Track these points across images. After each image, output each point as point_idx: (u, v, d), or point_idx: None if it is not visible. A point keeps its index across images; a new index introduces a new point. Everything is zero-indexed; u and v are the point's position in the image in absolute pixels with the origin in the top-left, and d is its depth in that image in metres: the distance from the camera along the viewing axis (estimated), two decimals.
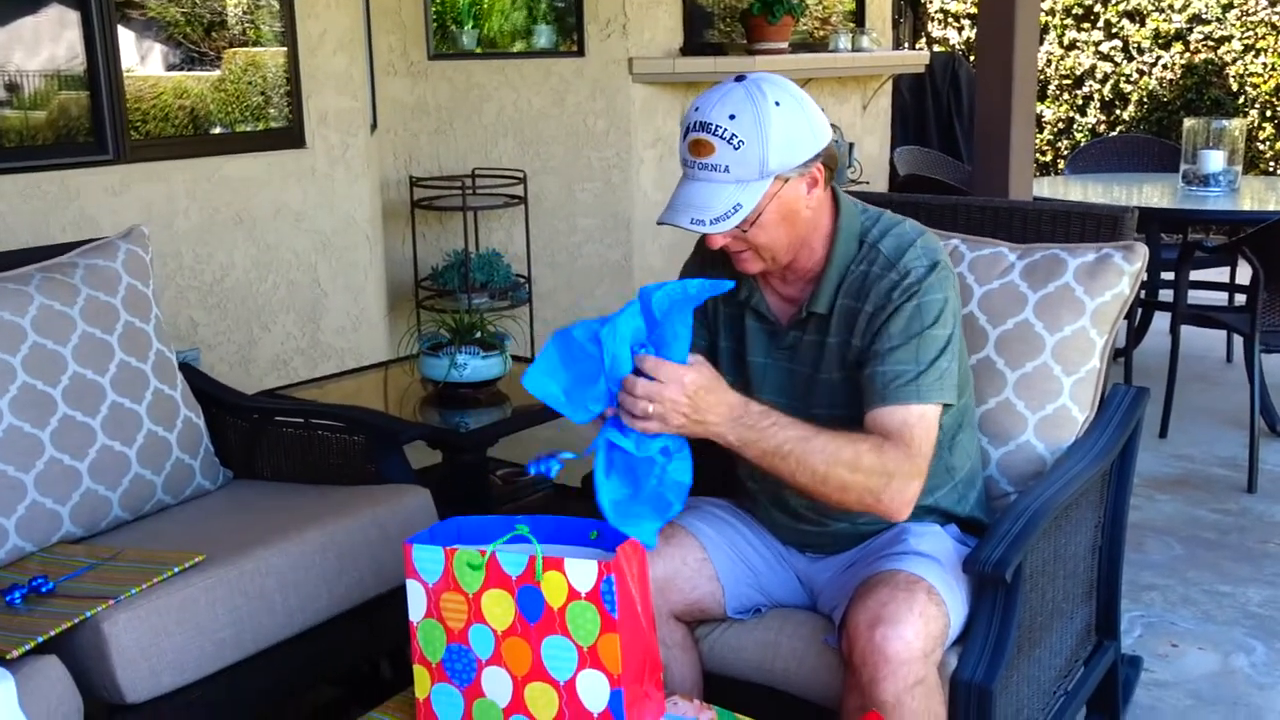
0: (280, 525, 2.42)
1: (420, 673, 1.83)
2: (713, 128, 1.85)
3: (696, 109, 1.88)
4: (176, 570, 2.20)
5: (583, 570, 1.70)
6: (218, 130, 4.39)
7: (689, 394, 1.77)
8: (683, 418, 1.78)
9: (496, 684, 1.78)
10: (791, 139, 1.87)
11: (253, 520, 2.49)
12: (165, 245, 3.99)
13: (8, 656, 1.95)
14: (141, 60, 4.24)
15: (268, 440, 2.86)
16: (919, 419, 1.89)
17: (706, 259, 2.16)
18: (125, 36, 4.05)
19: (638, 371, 1.79)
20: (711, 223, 1.86)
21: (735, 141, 1.84)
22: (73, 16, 3.83)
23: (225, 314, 4.23)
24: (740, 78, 1.90)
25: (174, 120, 4.24)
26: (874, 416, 1.90)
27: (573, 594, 1.71)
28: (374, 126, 4.91)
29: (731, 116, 1.85)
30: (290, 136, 4.43)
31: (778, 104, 1.86)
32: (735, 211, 1.86)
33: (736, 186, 1.86)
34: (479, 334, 3.35)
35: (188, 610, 2.16)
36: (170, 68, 4.34)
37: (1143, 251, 2.33)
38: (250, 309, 4.31)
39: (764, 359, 2.09)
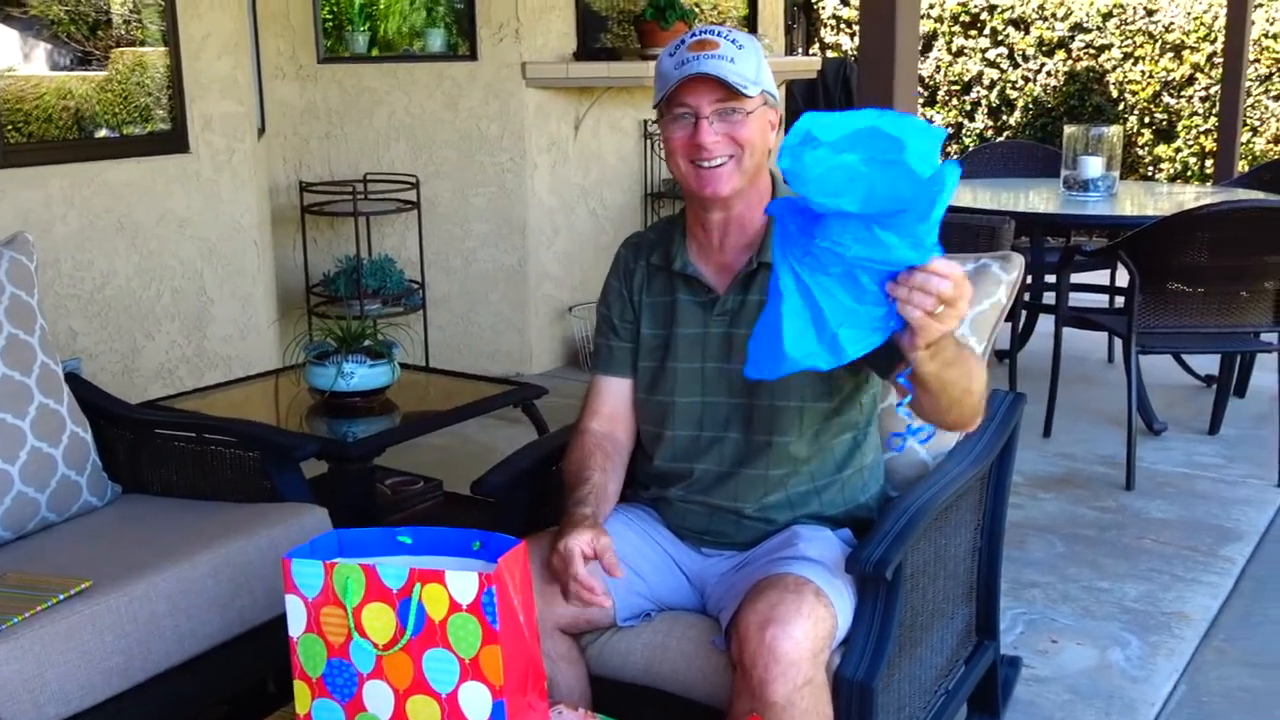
0: (171, 546, 2.37)
1: (300, 688, 1.81)
2: (716, 31, 2.02)
3: (689, 33, 2.04)
4: (62, 597, 2.15)
5: (464, 582, 1.69)
6: (104, 133, 4.30)
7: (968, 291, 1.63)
8: (962, 299, 1.60)
9: (378, 698, 1.78)
10: (770, 71, 2.06)
11: (142, 540, 2.44)
12: (44, 253, 3.90)
13: None
14: (25, 59, 4.14)
15: (157, 453, 2.81)
16: None
17: (631, 255, 2.24)
18: (6, 35, 3.95)
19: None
20: (733, 80, 1.96)
21: (738, 44, 2.00)
22: None
23: (107, 322, 4.15)
24: None
25: (57, 122, 4.14)
26: None
27: (454, 606, 1.71)
28: (262, 131, 4.85)
29: (730, 30, 2.04)
30: (173, 141, 4.36)
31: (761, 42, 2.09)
32: (749, 86, 1.98)
33: (740, 77, 1.97)
34: (367, 341, 3.33)
35: (73, 639, 2.11)
36: (55, 67, 4.24)
37: (1019, 261, 2.39)
38: (133, 317, 4.23)
39: (700, 329, 2.13)
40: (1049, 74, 8.86)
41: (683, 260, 2.15)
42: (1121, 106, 8.63)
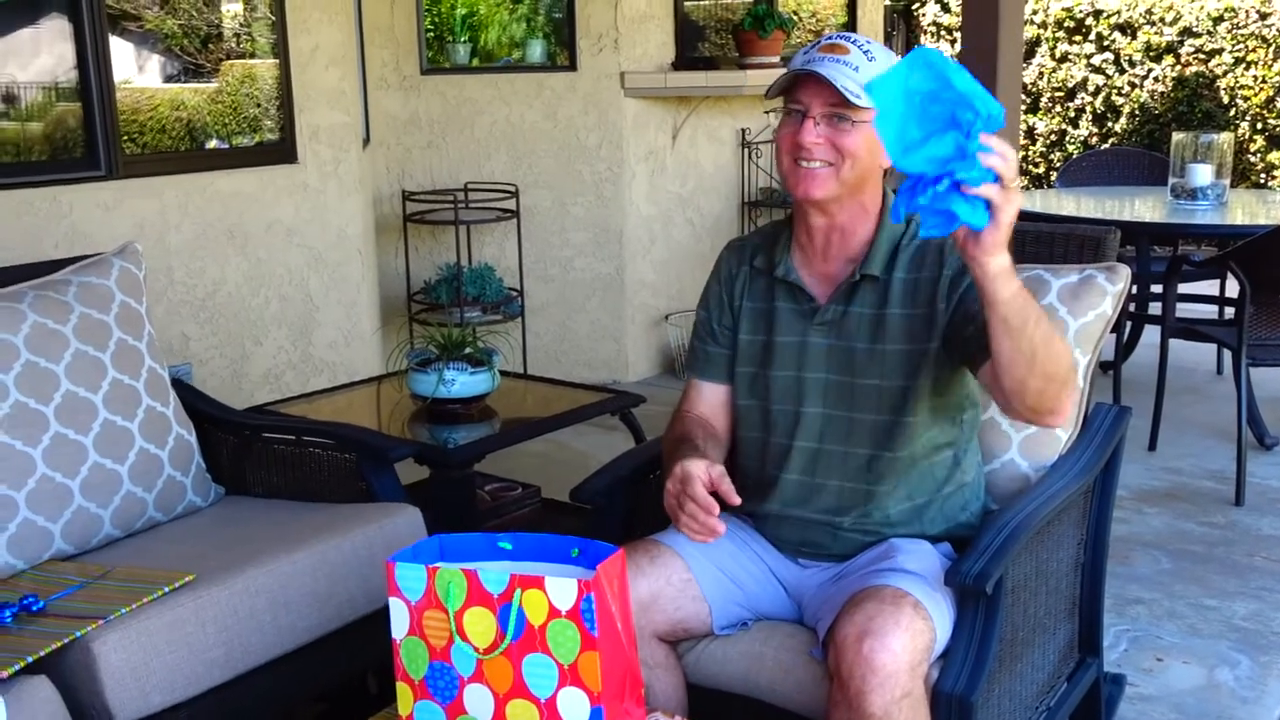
0: (271, 544, 2.43)
1: (403, 690, 1.84)
2: (851, 38, 2.01)
3: (828, 35, 2.03)
4: (167, 590, 2.20)
5: (563, 589, 1.71)
6: (214, 143, 4.41)
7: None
8: (1016, 190, 1.66)
9: (478, 701, 1.80)
10: None
11: (244, 538, 2.50)
12: (157, 260, 4.01)
13: None
14: (140, 71, 4.26)
15: (259, 456, 2.87)
16: None
17: (736, 259, 2.24)
18: (122, 48, 4.06)
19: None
20: (840, 87, 1.94)
21: (870, 55, 1.98)
22: (67, 28, 3.84)
23: (217, 329, 4.25)
24: None
25: (170, 132, 4.25)
26: None
27: (553, 612, 1.72)
28: (366, 141, 4.93)
29: (869, 40, 2.02)
30: (282, 151, 4.45)
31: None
32: (859, 96, 1.93)
33: (856, 85, 1.94)
34: (468, 349, 3.37)
35: (177, 630, 2.17)
36: (167, 79, 4.35)
37: (1125, 273, 2.35)
38: (242, 323, 4.32)
39: (799, 337, 2.13)
40: (1156, 79, 8.67)
41: (786, 266, 2.14)
42: (1233, 113, 8.42)
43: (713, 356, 2.25)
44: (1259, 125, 8.35)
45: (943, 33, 9.53)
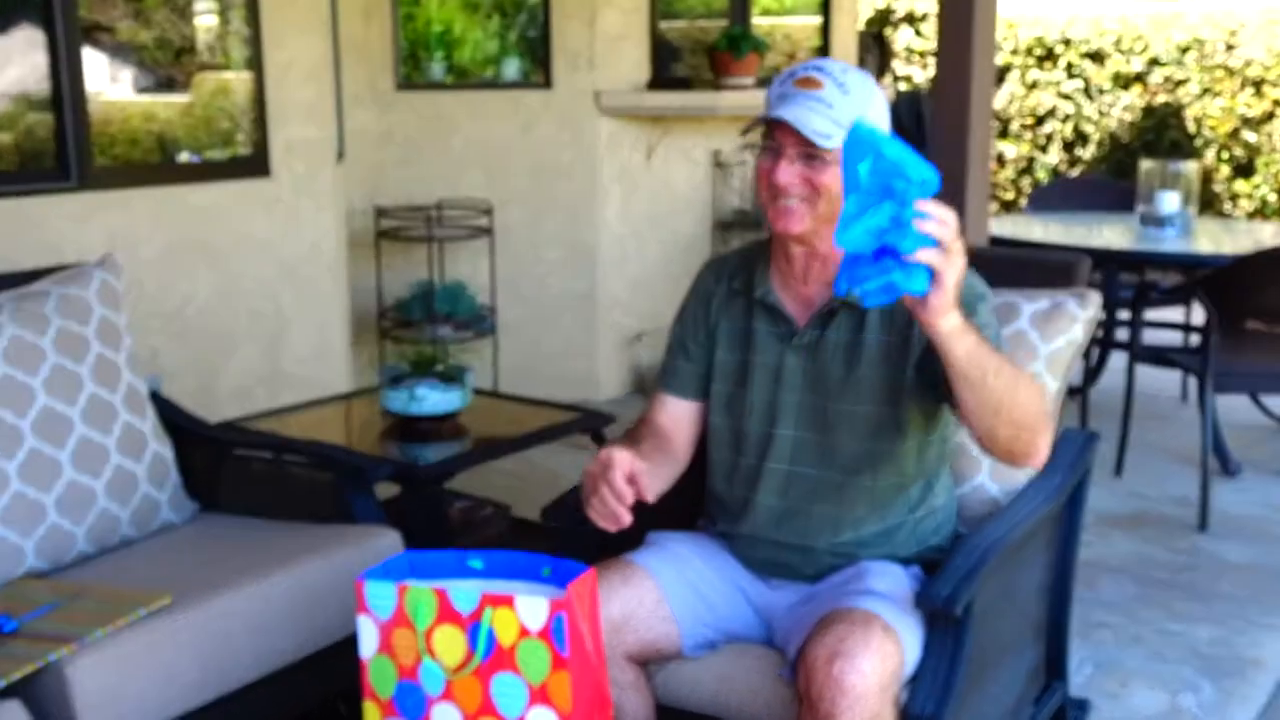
0: (248, 566, 2.41)
1: (370, 709, 1.83)
2: (826, 70, 2.00)
3: (805, 65, 2.03)
4: (143, 612, 2.18)
5: (534, 608, 1.71)
6: (186, 156, 4.39)
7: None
8: (958, 252, 1.67)
9: None
10: (881, 114, 2.02)
11: (220, 559, 2.48)
12: (129, 273, 3.96)
13: None
14: (112, 82, 4.24)
15: (235, 472, 2.85)
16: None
17: (714, 279, 2.25)
18: (95, 59, 4.04)
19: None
20: (810, 131, 1.94)
21: (845, 89, 1.98)
22: (40, 37, 3.82)
23: (187, 342, 4.23)
24: None
25: (141, 144, 4.24)
26: None
27: (524, 631, 1.72)
28: (340, 156, 4.93)
29: (844, 70, 2.01)
30: (255, 165, 4.44)
31: (877, 86, 2.04)
32: (830, 137, 1.94)
33: (834, 125, 1.94)
34: (440, 366, 3.38)
35: (153, 654, 2.15)
36: (140, 91, 4.34)
37: (1096, 299, 2.39)
38: (212, 337, 4.31)
39: (776, 359, 2.14)
40: (1125, 108, 8.78)
41: (764, 288, 2.16)
42: (1199, 142, 8.53)
43: (681, 371, 2.27)
44: (1225, 154, 8.46)
45: (915, 57, 9.61)
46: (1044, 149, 9.15)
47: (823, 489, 2.12)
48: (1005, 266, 2.57)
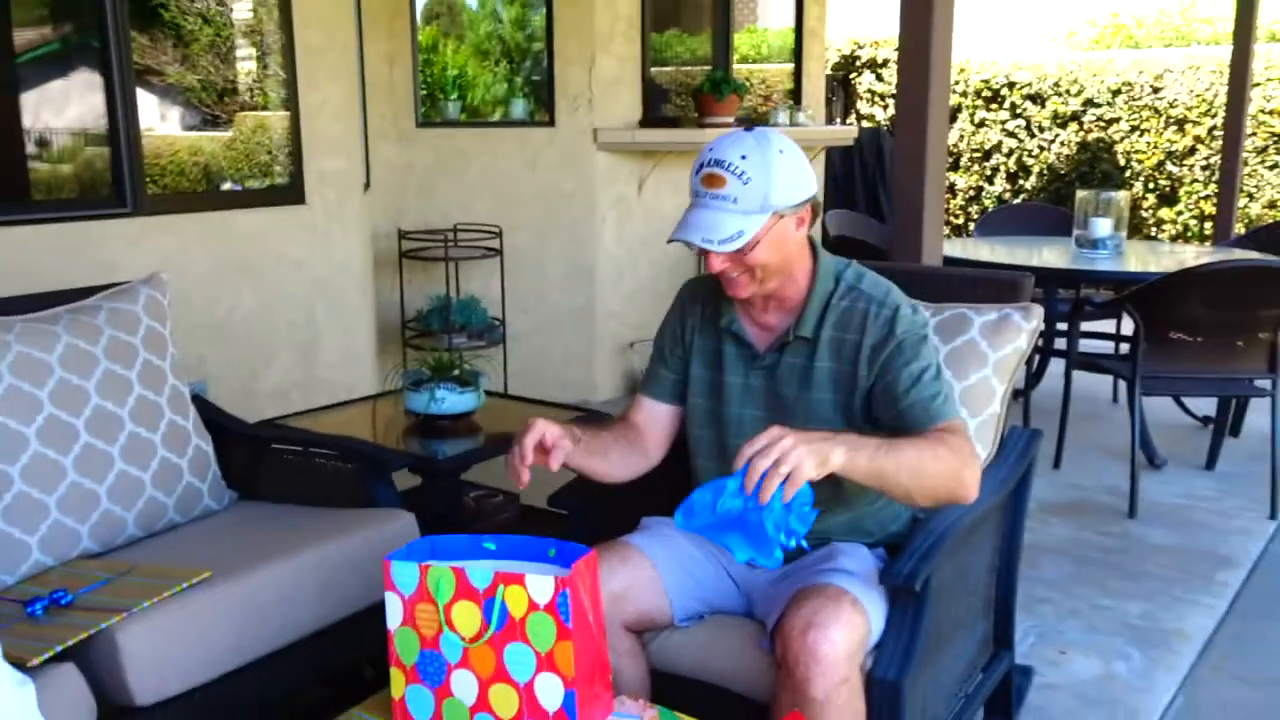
0: (279, 545, 2.40)
1: (396, 675, 1.83)
2: (726, 164, 1.91)
3: (711, 149, 1.94)
4: (185, 586, 2.18)
5: (541, 585, 1.71)
6: (228, 185, 4.39)
7: (792, 436, 1.71)
8: (809, 453, 1.68)
9: (464, 685, 1.79)
10: (791, 182, 1.94)
11: (255, 539, 2.47)
12: (178, 288, 3.95)
13: (29, 664, 1.92)
14: (162, 120, 4.24)
15: (270, 465, 2.85)
16: (960, 424, 1.97)
17: (687, 303, 2.22)
18: (147, 100, 4.05)
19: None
20: (719, 243, 1.90)
21: (745, 178, 1.90)
22: (98, 80, 3.82)
23: (231, 350, 4.22)
24: (749, 128, 1.98)
25: (189, 175, 4.23)
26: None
27: (532, 606, 1.72)
28: (367, 185, 4.92)
29: (743, 157, 1.91)
30: (292, 193, 4.44)
31: (781, 152, 1.93)
32: (739, 236, 1.90)
33: (742, 216, 1.90)
34: (456, 371, 3.36)
35: (194, 622, 2.15)
36: (188, 128, 4.34)
37: (1038, 312, 2.38)
38: (253, 346, 4.30)
39: (741, 380, 2.12)
40: (1062, 143, 8.80)
41: (730, 318, 2.13)
42: (1129, 173, 8.55)
43: (660, 378, 2.25)
44: (1151, 185, 8.48)
45: (876, 98, 9.62)
46: (991, 180, 9.17)
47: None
48: (957, 283, 2.56)
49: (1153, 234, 8.50)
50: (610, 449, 2.15)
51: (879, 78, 9.59)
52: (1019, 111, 8.99)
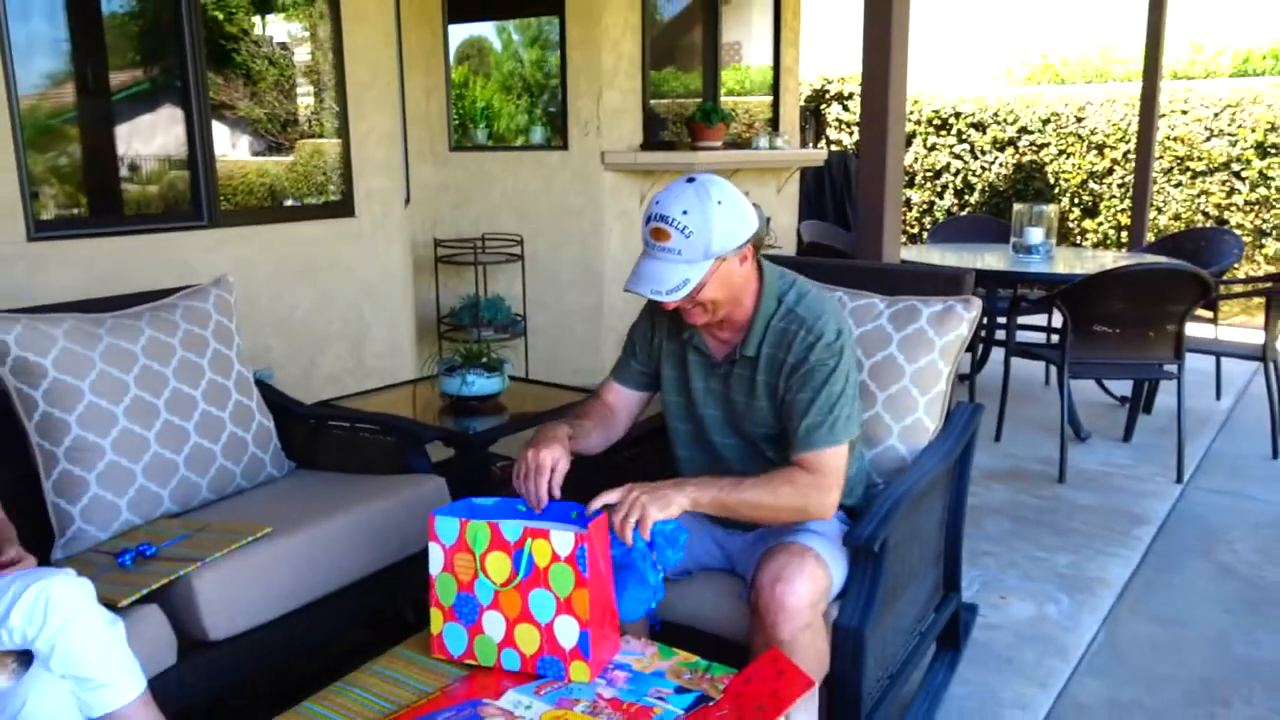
0: (330, 505, 2.40)
1: (435, 614, 1.83)
2: (669, 220, 1.84)
3: (657, 203, 1.86)
4: (251, 539, 2.18)
5: (563, 539, 1.71)
6: (289, 202, 4.37)
7: (643, 492, 1.78)
8: (650, 500, 1.77)
9: (494, 624, 1.79)
10: (730, 229, 1.86)
11: (309, 501, 2.47)
12: (247, 289, 3.97)
13: (119, 605, 1.93)
14: (233, 147, 4.22)
15: (323, 439, 2.84)
16: (832, 455, 1.91)
17: (655, 313, 2.17)
18: (221, 130, 4.03)
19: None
20: (666, 293, 1.85)
21: (686, 232, 1.83)
22: (179, 114, 3.81)
23: (292, 341, 4.20)
24: (691, 179, 1.89)
25: (257, 194, 4.22)
26: (798, 458, 1.92)
27: (554, 557, 1.72)
28: (408, 201, 4.90)
29: (685, 212, 1.83)
30: (343, 208, 4.42)
31: (719, 203, 1.85)
32: (684, 285, 1.85)
33: (686, 265, 1.85)
34: (484, 359, 3.35)
35: (258, 570, 2.15)
36: (255, 154, 4.32)
37: (977, 304, 2.36)
38: (311, 338, 4.28)
39: (703, 384, 2.09)
40: (1001, 164, 8.76)
41: (690, 332, 2.07)
42: (1057, 190, 8.51)
43: (630, 368, 2.20)
44: (1076, 200, 8.45)
45: (843, 126, 9.58)
46: (941, 195, 9.13)
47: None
48: (910, 279, 2.55)
49: (1078, 241, 8.47)
50: (591, 432, 2.11)
51: (845, 108, 9.55)
52: (964, 137, 8.95)
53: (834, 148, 9.40)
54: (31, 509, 2.25)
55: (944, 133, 9.08)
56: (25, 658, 1.66)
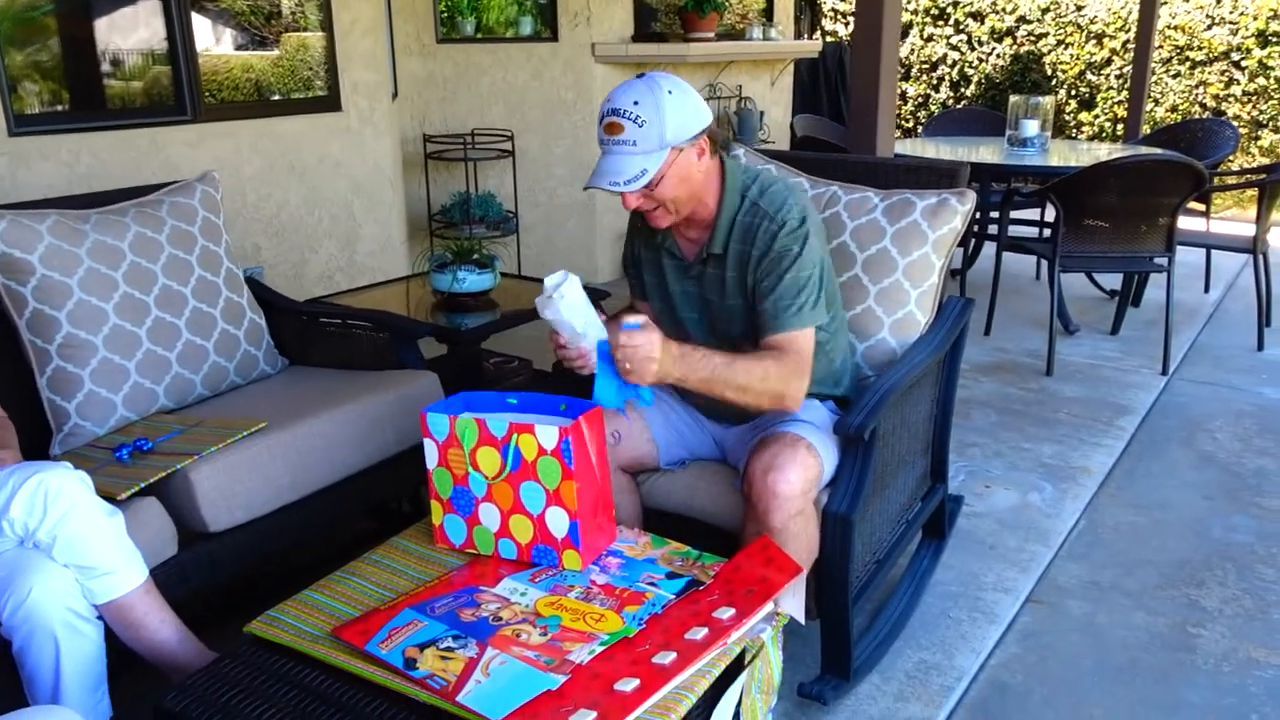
0: (324, 400, 2.40)
1: (435, 507, 1.85)
2: (621, 111, 1.80)
3: (609, 99, 1.83)
4: (246, 434, 2.19)
5: (548, 433, 1.71)
6: (275, 97, 4.26)
7: (642, 353, 1.74)
8: (638, 371, 1.74)
9: (489, 515, 1.81)
10: (682, 118, 1.83)
11: (303, 396, 2.47)
12: (233, 187, 3.90)
13: (118, 498, 1.94)
14: (216, 42, 4.09)
15: (315, 336, 2.82)
16: (801, 337, 1.90)
17: (635, 228, 2.14)
18: (202, 24, 3.91)
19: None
20: (625, 184, 1.81)
21: (639, 121, 1.79)
22: (158, 6, 3.69)
23: (282, 240, 4.15)
24: (641, 75, 1.86)
25: (242, 89, 4.11)
26: (769, 340, 1.91)
27: (541, 451, 1.72)
28: (395, 95, 4.78)
29: (635, 102, 1.80)
30: (330, 102, 4.31)
31: (670, 92, 1.82)
32: (642, 175, 1.81)
33: (643, 156, 1.81)
34: (475, 255, 3.31)
35: (254, 463, 2.15)
36: (238, 48, 4.19)
37: (972, 196, 2.32)
38: (301, 236, 4.23)
39: (679, 287, 2.07)
40: (998, 56, 8.57)
41: (663, 235, 2.04)
42: (1054, 81, 8.34)
43: (634, 285, 2.18)
44: (1073, 92, 8.29)
45: (839, 16, 9.33)
46: (936, 88, 8.96)
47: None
48: (904, 173, 2.51)
49: (1073, 134, 8.35)
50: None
51: None
52: (961, 28, 8.73)
53: (829, 39, 9.16)
54: (28, 405, 2.25)
55: (941, 23, 8.85)
56: None
